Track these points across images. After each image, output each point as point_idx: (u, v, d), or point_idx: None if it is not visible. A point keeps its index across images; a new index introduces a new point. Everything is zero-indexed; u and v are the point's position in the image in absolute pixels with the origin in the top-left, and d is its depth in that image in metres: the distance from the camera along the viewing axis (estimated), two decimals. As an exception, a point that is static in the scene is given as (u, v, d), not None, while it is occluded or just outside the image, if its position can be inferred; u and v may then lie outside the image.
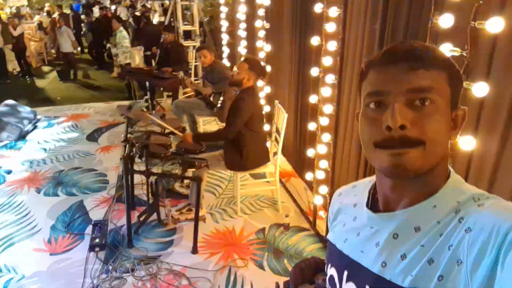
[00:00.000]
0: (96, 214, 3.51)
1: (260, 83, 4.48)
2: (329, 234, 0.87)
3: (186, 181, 3.78)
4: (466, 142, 1.64)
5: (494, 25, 1.48)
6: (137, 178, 3.72)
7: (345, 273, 0.76)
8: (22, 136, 5.29)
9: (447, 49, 1.65)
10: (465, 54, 1.59)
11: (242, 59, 3.28)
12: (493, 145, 1.66)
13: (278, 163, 3.48)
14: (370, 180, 0.80)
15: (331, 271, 0.81)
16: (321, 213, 3.25)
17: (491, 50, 1.61)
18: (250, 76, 3.13)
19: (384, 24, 2.34)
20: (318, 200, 3.12)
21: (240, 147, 3.22)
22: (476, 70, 1.62)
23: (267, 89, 4.39)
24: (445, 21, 1.68)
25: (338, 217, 0.85)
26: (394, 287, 0.65)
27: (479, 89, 1.55)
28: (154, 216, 3.34)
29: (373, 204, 0.76)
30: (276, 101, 3.66)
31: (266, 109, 4.47)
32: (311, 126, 3.19)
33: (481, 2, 1.53)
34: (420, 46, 0.65)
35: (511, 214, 0.57)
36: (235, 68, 3.31)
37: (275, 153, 3.58)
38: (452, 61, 0.67)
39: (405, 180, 0.67)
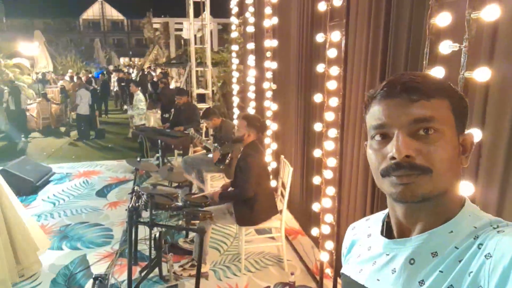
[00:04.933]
0: (98, 269, 3.45)
1: (267, 140, 4.59)
2: (343, 268, 0.85)
3: (190, 236, 3.73)
4: (465, 189, 1.64)
5: (481, 74, 1.56)
6: (142, 233, 3.71)
7: None
8: (34, 191, 5.38)
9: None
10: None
11: (241, 117, 3.44)
12: (493, 192, 1.65)
13: (283, 217, 3.44)
14: (383, 212, 0.80)
15: None
16: (328, 270, 3.13)
17: (484, 98, 1.68)
18: (250, 132, 3.26)
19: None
20: (324, 257, 3.03)
21: (250, 201, 3.24)
22: (470, 117, 1.67)
23: (274, 146, 4.48)
24: (437, 73, 1.77)
25: (352, 250, 0.85)
26: None
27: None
28: (156, 271, 3.26)
29: (387, 232, 0.75)
30: (282, 156, 3.72)
31: (273, 165, 4.52)
32: (316, 180, 3.20)
33: (467, 55, 1.62)
34: (419, 77, 0.66)
35: None
36: (235, 127, 3.46)
37: (281, 211, 3.55)
38: (453, 88, 0.68)
39: (417, 206, 0.66)
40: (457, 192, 0.69)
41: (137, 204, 3.03)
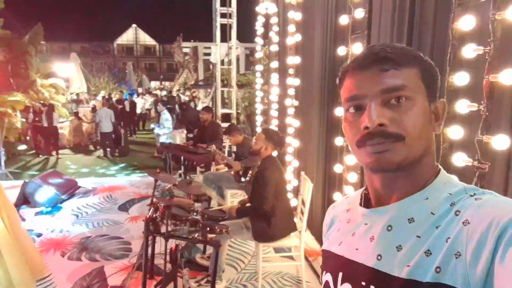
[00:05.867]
0: (115, 281, 3.43)
1: (288, 157, 4.53)
2: (323, 244, 0.85)
3: (207, 252, 3.67)
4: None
5: (508, 77, 1.48)
6: (159, 248, 3.67)
7: (340, 274, 0.73)
8: (59, 202, 5.50)
9: (464, 104, 1.64)
10: (482, 108, 1.56)
11: (260, 130, 3.40)
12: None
13: (302, 236, 3.33)
14: (363, 188, 0.81)
15: (326, 277, 0.78)
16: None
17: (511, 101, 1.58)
18: (267, 146, 3.23)
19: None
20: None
21: (268, 216, 3.16)
22: (497, 123, 1.58)
23: (295, 163, 4.40)
24: (461, 78, 1.70)
25: (332, 226, 0.85)
26: (390, 279, 0.62)
27: (500, 142, 1.48)
28: (171, 286, 3.20)
29: (366, 204, 0.76)
30: (302, 172, 3.64)
31: (295, 183, 4.44)
32: (337, 196, 3.10)
33: (492, 58, 1.54)
34: (389, 48, 0.67)
35: (509, 207, 0.56)
36: (253, 140, 3.42)
37: (300, 231, 3.44)
38: (422, 56, 0.69)
39: (394, 175, 0.67)
40: (432, 160, 0.69)
41: (154, 215, 3.02)
